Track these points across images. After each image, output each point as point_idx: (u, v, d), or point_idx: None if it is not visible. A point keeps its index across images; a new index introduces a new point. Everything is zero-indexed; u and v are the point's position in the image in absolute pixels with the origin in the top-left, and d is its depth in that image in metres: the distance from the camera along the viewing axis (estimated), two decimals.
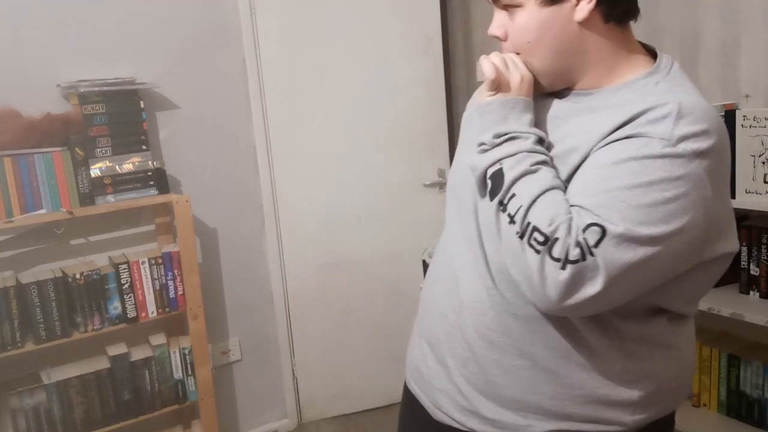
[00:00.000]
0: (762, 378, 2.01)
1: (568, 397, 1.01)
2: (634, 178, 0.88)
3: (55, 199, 2.18)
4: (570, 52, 1.01)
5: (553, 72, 1.02)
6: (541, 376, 1.01)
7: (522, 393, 1.03)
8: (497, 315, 1.03)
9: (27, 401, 2.17)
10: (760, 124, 1.80)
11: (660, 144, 0.89)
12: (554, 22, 0.98)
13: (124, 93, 2.28)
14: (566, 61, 1.01)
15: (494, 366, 1.04)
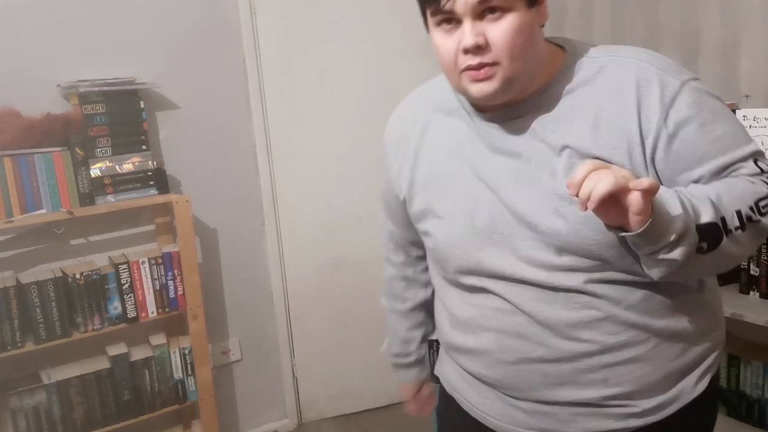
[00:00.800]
0: (762, 378, 2.00)
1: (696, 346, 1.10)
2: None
3: (55, 199, 2.18)
4: (538, 53, 1.03)
5: (527, 74, 1.02)
6: (670, 345, 1.08)
7: (664, 368, 1.08)
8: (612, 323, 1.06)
9: (27, 401, 2.17)
10: (760, 124, 1.80)
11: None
12: (533, 23, 1.00)
13: (124, 93, 2.28)
14: (535, 62, 1.03)
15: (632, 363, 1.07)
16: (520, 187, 1.04)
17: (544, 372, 1.07)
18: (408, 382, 1.46)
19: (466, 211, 1.09)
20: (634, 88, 1.00)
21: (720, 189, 0.97)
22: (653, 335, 1.05)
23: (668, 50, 2.27)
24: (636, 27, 2.34)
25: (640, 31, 2.33)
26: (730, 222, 0.95)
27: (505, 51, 0.97)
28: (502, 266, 1.07)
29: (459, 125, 1.12)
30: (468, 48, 0.97)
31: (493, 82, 0.99)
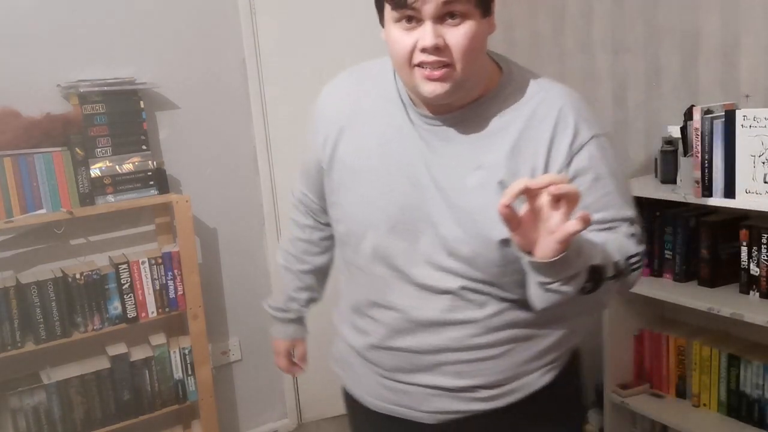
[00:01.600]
0: (762, 378, 2.01)
1: (546, 350, 1.20)
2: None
3: (55, 199, 2.18)
4: (483, 62, 1.11)
5: (474, 80, 1.09)
6: (524, 348, 1.18)
7: (516, 367, 1.19)
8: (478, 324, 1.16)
9: (27, 401, 2.17)
10: (760, 124, 1.80)
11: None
12: (485, 34, 1.07)
13: (124, 93, 2.29)
14: (481, 70, 1.11)
15: (487, 361, 1.18)
16: (434, 188, 1.12)
17: (409, 360, 1.19)
18: (281, 337, 1.57)
19: (381, 197, 1.16)
20: (552, 126, 1.08)
21: (606, 238, 1.04)
22: (510, 341, 1.16)
23: (668, 50, 2.27)
24: (636, 27, 2.34)
25: (640, 31, 2.33)
26: (609, 270, 1.01)
27: (460, 54, 1.03)
28: (396, 257, 1.16)
29: (395, 115, 1.17)
30: (427, 47, 1.02)
31: (445, 84, 1.05)
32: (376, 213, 1.17)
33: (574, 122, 1.08)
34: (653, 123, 2.35)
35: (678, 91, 2.26)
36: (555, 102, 1.11)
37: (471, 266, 1.11)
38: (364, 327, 1.26)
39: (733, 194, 1.87)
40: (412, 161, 1.14)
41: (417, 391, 1.21)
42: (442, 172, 1.12)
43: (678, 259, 2.14)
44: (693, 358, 2.18)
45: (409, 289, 1.17)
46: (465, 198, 1.09)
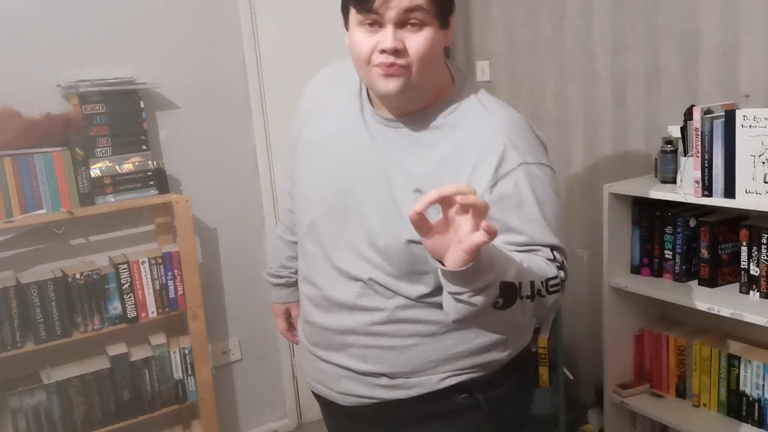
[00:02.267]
0: (762, 378, 2.01)
1: (454, 356, 1.23)
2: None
3: (55, 199, 2.18)
4: (438, 70, 1.20)
5: (426, 85, 1.17)
6: (429, 347, 1.23)
7: (418, 364, 1.23)
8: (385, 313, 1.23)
9: (27, 401, 2.17)
10: (760, 124, 1.80)
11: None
12: (442, 43, 1.16)
13: (124, 93, 2.29)
14: (435, 77, 1.19)
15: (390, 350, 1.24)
16: (370, 182, 1.21)
17: (324, 336, 1.30)
18: (277, 301, 1.66)
19: (324, 180, 1.27)
20: (480, 150, 1.14)
21: (523, 258, 1.07)
22: (413, 335, 1.22)
23: (668, 50, 2.27)
24: (636, 27, 2.34)
25: (640, 31, 2.33)
26: (524, 289, 1.03)
27: (417, 58, 1.12)
28: (325, 237, 1.26)
29: (354, 109, 1.27)
30: (387, 49, 1.11)
31: (398, 81, 1.13)
32: (317, 193, 1.28)
33: (502, 148, 1.13)
34: (653, 123, 2.35)
35: (678, 91, 2.26)
36: (491, 126, 1.16)
37: (385, 259, 1.19)
38: (302, 300, 1.39)
39: (733, 194, 1.87)
40: (357, 154, 1.24)
41: (330, 369, 1.30)
42: (378, 168, 1.21)
43: (678, 259, 2.14)
44: (693, 358, 2.18)
45: (330, 270, 1.26)
46: (390, 196, 1.18)
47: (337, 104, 1.31)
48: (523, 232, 1.11)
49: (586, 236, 2.66)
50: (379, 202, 1.20)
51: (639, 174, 2.37)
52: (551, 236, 1.14)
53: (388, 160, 1.20)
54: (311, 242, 1.30)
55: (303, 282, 1.37)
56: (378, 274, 1.21)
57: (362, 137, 1.24)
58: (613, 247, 2.22)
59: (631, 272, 2.26)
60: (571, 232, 2.73)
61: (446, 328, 1.22)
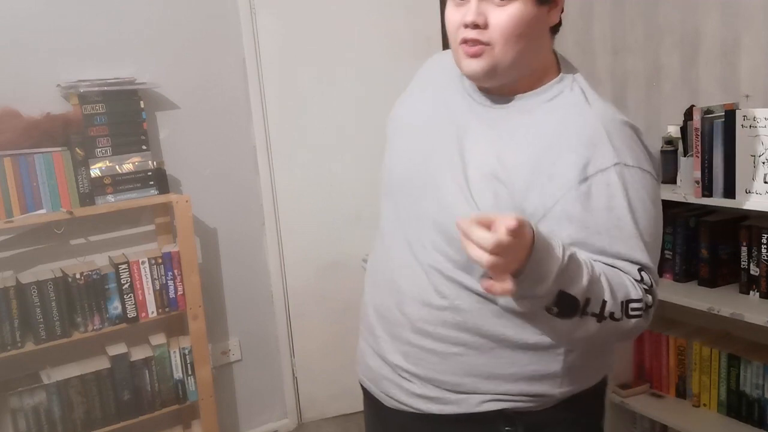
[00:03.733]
0: (762, 378, 2.00)
1: (500, 376, 1.11)
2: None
3: (55, 199, 2.18)
4: (535, 52, 1.10)
5: (519, 67, 1.08)
6: (474, 360, 1.11)
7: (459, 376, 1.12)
8: (435, 311, 1.13)
9: (27, 401, 2.17)
10: (760, 124, 1.80)
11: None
12: (538, 21, 1.07)
13: (124, 93, 2.28)
14: (530, 59, 1.09)
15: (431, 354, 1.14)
16: (446, 158, 1.13)
17: (380, 320, 1.21)
18: None
19: (408, 153, 1.20)
20: (574, 142, 1.04)
21: (605, 272, 0.98)
22: (460, 344, 1.11)
23: (668, 50, 2.27)
24: (636, 27, 2.34)
25: (640, 31, 2.33)
26: (592, 306, 0.96)
27: (500, 35, 1.04)
28: (400, 214, 1.19)
29: (454, 89, 1.19)
30: (468, 23, 1.04)
31: (481, 61, 1.06)
32: (398, 167, 1.22)
33: (598, 144, 1.03)
34: (653, 123, 2.35)
35: (678, 91, 2.26)
36: (589, 120, 1.07)
37: (448, 243, 1.09)
38: (368, 281, 1.30)
39: (733, 194, 1.87)
40: (441, 129, 1.16)
41: (376, 365, 1.23)
42: (457, 146, 1.12)
43: (678, 259, 2.14)
44: (693, 358, 2.18)
45: (397, 251, 1.18)
46: (463, 176, 1.09)
47: (439, 84, 1.23)
48: (606, 239, 1.00)
49: None
50: (452, 180, 1.11)
51: None
52: (641, 252, 1.01)
53: (474, 139, 1.12)
54: (387, 220, 1.24)
55: (372, 262, 1.28)
56: (439, 259, 1.10)
57: (452, 114, 1.17)
58: None
59: None
60: None
61: (496, 345, 1.10)
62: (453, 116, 1.17)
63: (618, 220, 1.01)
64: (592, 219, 1.00)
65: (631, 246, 1.01)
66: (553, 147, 1.05)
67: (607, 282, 0.97)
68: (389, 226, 1.24)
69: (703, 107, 1.92)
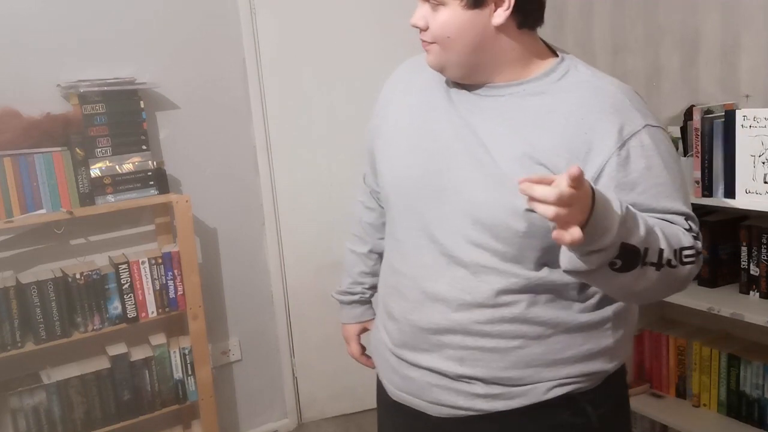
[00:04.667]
0: (762, 378, 2.01)
1: (560, 361, 1.14)
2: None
3: (55, 199, 2.18)
4: (485, 52, 1.11)
5: (467, 66, 1.13)
6: (534, 349, 1.13)
7: (521, 369, 1.13)
8: (489, 309, 1.13)
9: (27, 401, 2.17)
10: (760, 124, 1.80)
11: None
12: (474, 24, 1.09)
13: (124, 93, 2.28)
14: (481, 59, 1.12)
15: (492, 353, 1.14)
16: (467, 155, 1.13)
17: (415, 335, 1.19)
18: (350, 321, 1.53)
19: (414, 159, 1.20)
20: (601, 110, 1.07)
21: (657, 223, 1.01)
22: (519, 337, 1.13)
23: (668, 50, 2.27)
24: (636, 27, 2.34)
25: (640, 31, 2.33)
26: (650, 255, 0.97)
27: (435, 38, 1.12)
28: (421, 221, 1.18)
29: (439, 88, 1.21)
30: (411, 24, 1.14)
31: (431, 57, 1.15)
32: (400, 172, 1.22)
33: (626, 110, 1.08)
34: None
35: (678, 91, 2.26)
36: (609, 89, 1.11)
37: (493, 237, 1.10)
38: (385, 298, 1.29)
39: (733, 194, 1.87)
40: (446, 130, 1.16)
41: (420, 376, 1.20)
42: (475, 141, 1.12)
43: None
44: (693, 358, 2.18)
45: (426, 257, 1.17)
46: (495, 167, 1.09)
47: (424, 85, 1.24)
48: (653, 199, 1.05)
49: None
50: (484, 175, 1.10)
51: None
52: (682, 203, 1.07)
53: (490, 130, 1.12)
54: (403, 229, 1.22)
55: (391, 275, 1.27)
56: (484, 256, 1.11)
57: (449, 114, 1.17)
58: None
59: None
60: None
61: (553, 330, 1.12)
62: (451, 112, 1.17)
63: (658, 177, 1.05)
64: (636, 180, 1.04)
65: (675, 199, 1.06)
66: (582, 122, 1.07)
67: (661, 232, 1.00)
68: (406, 233, 1.22)
69: (703, 107, 1.93)
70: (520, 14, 1.09)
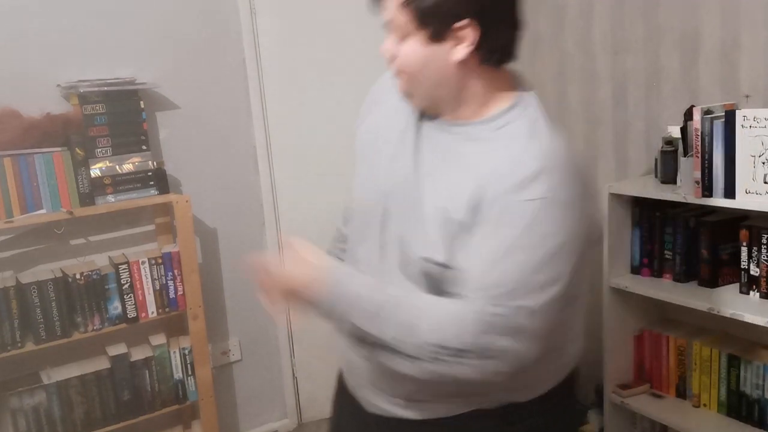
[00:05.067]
0: (762, 378, 2.01)
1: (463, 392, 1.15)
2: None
3: (55, 199, 2.18)
4: (446, 86, 1.11)
5: (429, 99, 1.14)
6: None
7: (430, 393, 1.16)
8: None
9: (27, 401, 2.17)
10: (760, 124, 1.80)
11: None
12: (434, 58, 1.08)
13: (124, 93, 2.28)
14: (442, 93, 1.12)
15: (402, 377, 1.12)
16: (404, 187, 1.16)
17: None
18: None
19: (371, 181, 1.25)
20: (506, 191, 1.02)
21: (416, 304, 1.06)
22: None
23: (668, 50, 2.27)
24: (636, 27, 2.34)
25: (640, 31, 2.33)
26: (384, 338, 1.03)
27: (399, 70, 1.12)
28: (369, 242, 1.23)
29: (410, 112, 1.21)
30: (381, 54, 1.14)
31: (399, 83, 1.15)
32: (362, 192, 1.29)
33: (508, 175, 1.02)
34: (653, 123, 2.35)
35: (678, 91, 2.26)
36: (524, 161, 1.04)
37: (403, 272, 1.14)
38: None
39: (733, 194, 1.87)
40: (401, 157, 1.18)
41: (357, 373, 1.25)
42: (414, 175, 1.15)
43: (678, 259, 2.14)
44: (693, 358, 2.18)
45: (364, 260, 1.24)
46: (419, 207, 1.12)
47: (396, 106, 1.23)
48: (469, 260, 1.02)
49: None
50: (406, 210, 1.14)
51: (639, 174, 2.37)
52: (493, 286, 1.00)
53: (429, 167, 1.14)
54: (360, 247, 1.26)
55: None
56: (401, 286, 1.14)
57: (410, 140, 1.18)
58: (614, 248, 2.22)
59: (631, 272, 2.26)
60: None
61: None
62: (409, 137, 1.18)
63: (491, 246, 1.03)
64: (473, 244, 1.04)
65: (485, 275, 1.03)
66: (489, 178, 1.04)
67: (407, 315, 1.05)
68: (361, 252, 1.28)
69: (703, 107, 1.92)
70: (484, 51, 1.08)
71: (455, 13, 1.04)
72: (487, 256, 1.02)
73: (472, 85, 1.11)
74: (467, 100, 1.12)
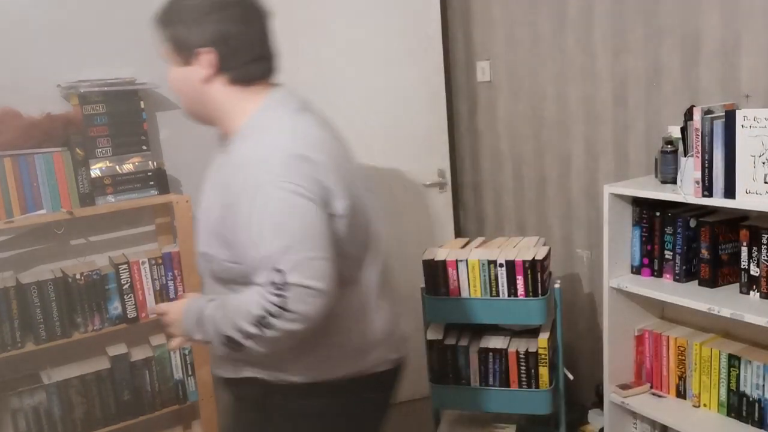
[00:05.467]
0: (762, 378, 2.00)
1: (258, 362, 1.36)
2: None
3: (55, 199, 2.18)
4: (201, 104, 1.39)
5: (195, 116, 1.45)
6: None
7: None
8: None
9: (27, 401, 2.17)
10: (760, 124, 1.80)
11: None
12: (187, 80, 1.36)
13: (124, 93, 2.28)
14: (201, 110, 1.42)
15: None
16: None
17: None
18: None
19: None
20: (237, 195, 1.27)
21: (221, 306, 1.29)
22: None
23: (668, 50, 2.27)
24: (636, 27, 2.34)
25: (640, 31, 2.33)
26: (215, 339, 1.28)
27: (171, 89, 1.41)
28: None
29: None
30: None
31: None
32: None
33: (244, 168, 1.28)
34: (653, 123, 2.35)
35: (678, 91, 2.26)
36: (246, 168, 1.28)
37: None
38: None
39: (733, 194, 1.87)
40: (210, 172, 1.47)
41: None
42: (203, 192, 1.45)
43: (678, 259, 2.14)
44: (693, 359, 2.18)
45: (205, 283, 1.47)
46: (200, 226, 1.43)
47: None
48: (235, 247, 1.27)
49: (586, 237, 2.66)
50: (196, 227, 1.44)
51: (639, 174, 2.37)
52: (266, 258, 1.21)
53: (207, 186, 1.44)
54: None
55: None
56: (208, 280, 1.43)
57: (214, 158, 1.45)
58: (614, 248, 2.22)
59: (631, 272, 2.26)
60: (571, 233, 2.72)
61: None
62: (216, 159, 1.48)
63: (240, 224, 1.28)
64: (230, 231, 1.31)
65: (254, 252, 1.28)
66: (223, 203, 1.31)
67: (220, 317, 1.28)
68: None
69: (703, 107, 1.92)
70: (228, 71, 1.33)
71: (196, 43, 1.31)
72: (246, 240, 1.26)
73: (223, 102, 1.36)
74: (223, 118, 1.38)
